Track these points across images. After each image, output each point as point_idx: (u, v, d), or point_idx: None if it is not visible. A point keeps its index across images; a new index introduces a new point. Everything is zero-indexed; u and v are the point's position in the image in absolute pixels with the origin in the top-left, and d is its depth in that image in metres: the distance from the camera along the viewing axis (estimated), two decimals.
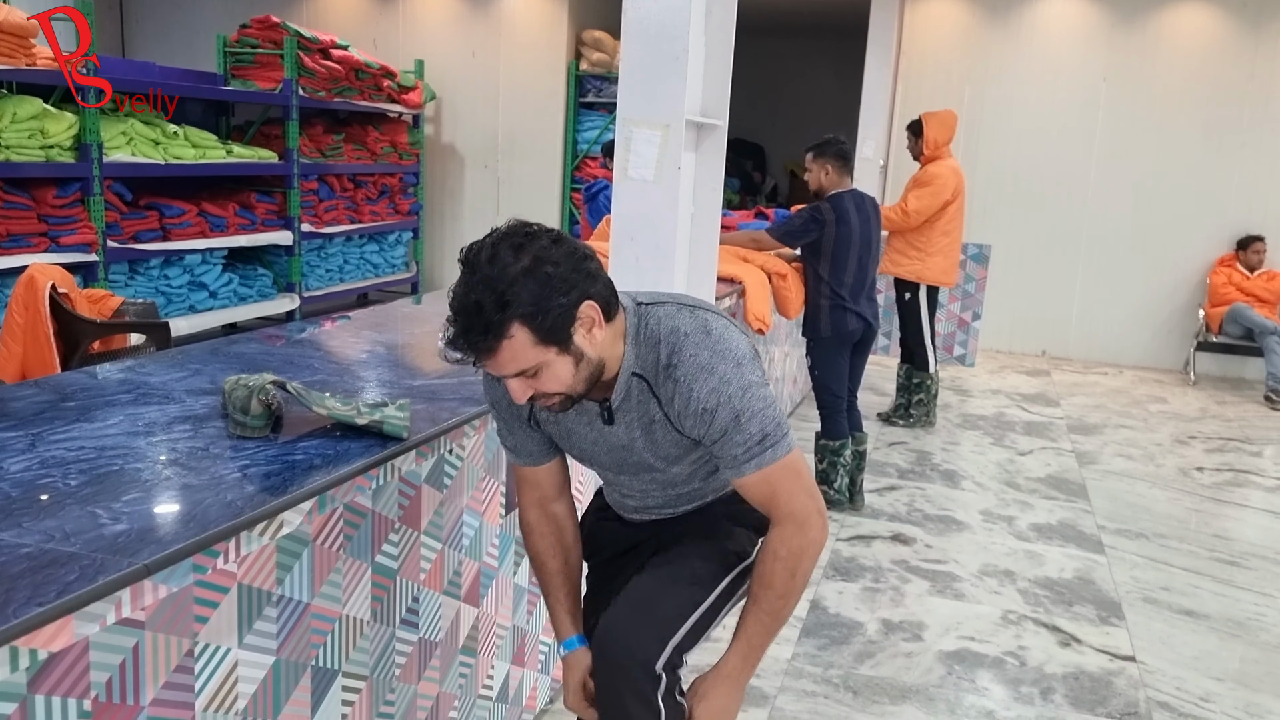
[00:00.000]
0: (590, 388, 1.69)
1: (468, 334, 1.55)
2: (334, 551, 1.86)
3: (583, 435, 1.84)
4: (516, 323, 1.54)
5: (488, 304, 1.53)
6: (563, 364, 1.62)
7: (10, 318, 3.79)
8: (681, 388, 1.68)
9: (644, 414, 1.76)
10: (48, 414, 1.95)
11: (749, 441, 1.70)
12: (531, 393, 1.64)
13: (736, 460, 1.72)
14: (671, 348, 1.70)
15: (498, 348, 1.56)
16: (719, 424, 1.69)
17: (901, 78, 9.11)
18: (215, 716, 1.60)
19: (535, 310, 1.54)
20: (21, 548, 1.36)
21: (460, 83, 9.65)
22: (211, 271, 6.93)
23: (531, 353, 1.58)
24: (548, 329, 1.56)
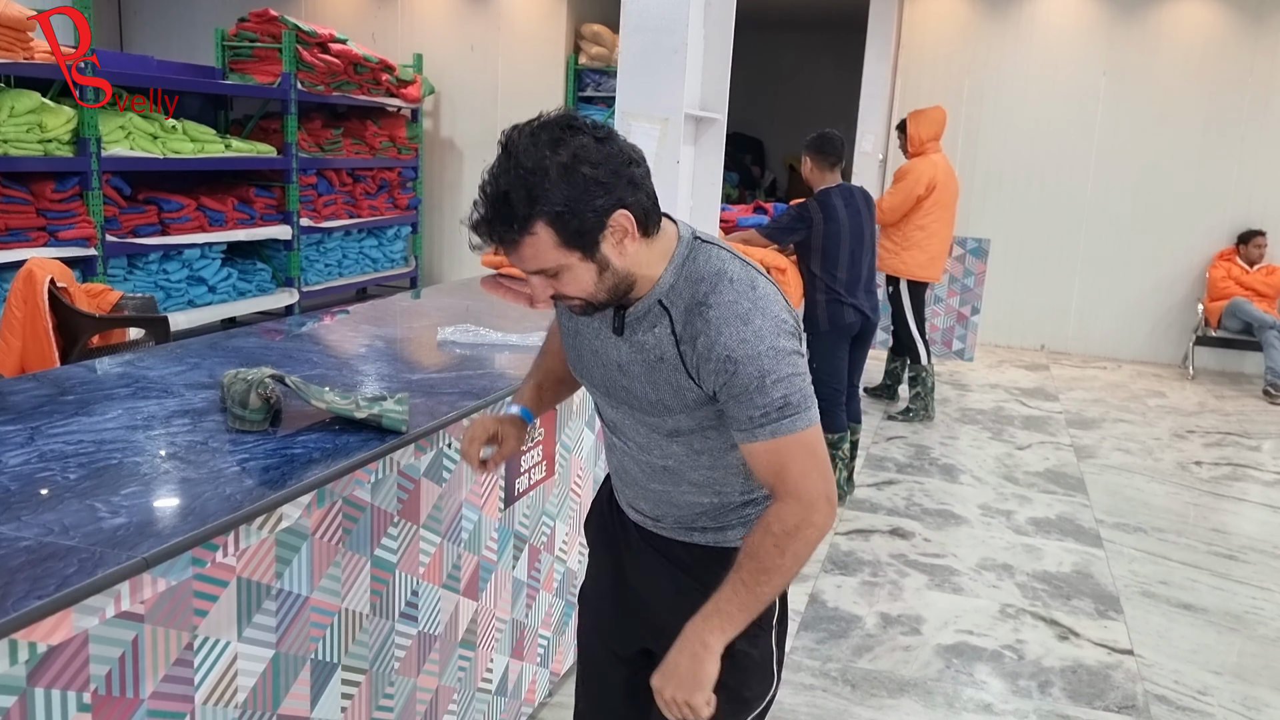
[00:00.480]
0: (615, 299, 1.58)
1: (491, 223, 1.48)
2: (333, 545, 1.86)
3: (588, 340, 1.71)
4: (542, 221, 1.46)
5: (516, 196, 1.45)
6: (585, 270, 1.52)
7: (9, 312, 3.78)
8: (710, 329, 1.54)
9: (655, 346, 1.61)
10: (46, 408, 1.95)
11: (769, 406, 1.53)
12: (552, 293, 1.56)
13: (750, 423, 1.55)
14: (712, 286, 1.57)
15: (520, 242, 1.48)
16: (740, 380, 1.53)
17: (901, 72, 9.11)
18: (215, 710, 1.61)
19: (564, 211, 1.46)
20: (21, 541, 1.36)
21: (459, 77, 9.64)
22: (210, 266, 6.92)
23: (553, 254, 1.49)
24: (573, 232, 1.48)
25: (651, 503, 1.79)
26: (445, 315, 3.23)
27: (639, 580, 1.85)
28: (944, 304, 8.40)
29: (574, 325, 1.73)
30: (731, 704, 1.73)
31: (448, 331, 2.83)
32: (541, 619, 2.92)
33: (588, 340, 1.70)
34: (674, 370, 1.59)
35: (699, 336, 1.55)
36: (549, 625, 2.97)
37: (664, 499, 1.77)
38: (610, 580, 1.91)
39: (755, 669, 1.77)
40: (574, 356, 1.76)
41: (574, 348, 1.75)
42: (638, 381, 1.63)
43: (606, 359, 1.67)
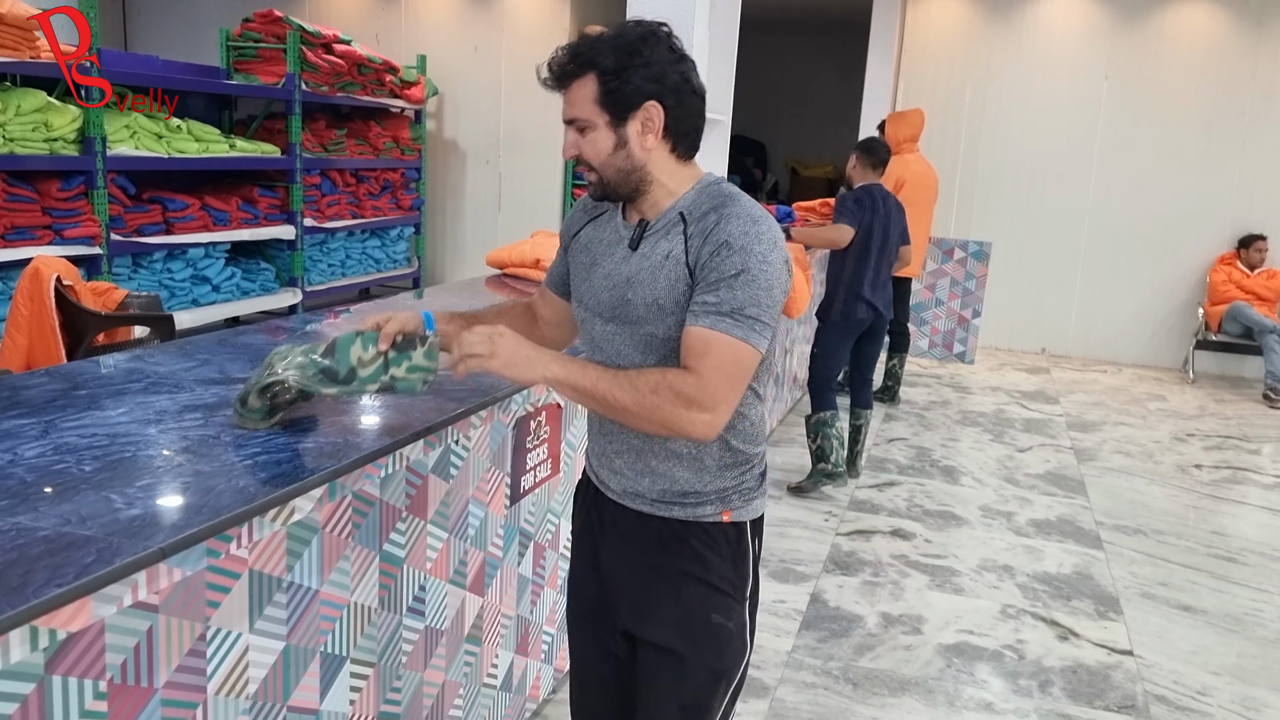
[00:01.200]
0: (623, 188, 1.74)
1: (556, 59, 1.70)
2: (343, 539, 1.88)
3: (603, 264, 1.80)
4: (592, 73, 1.67)
5: (584, 46, 1.69)
6: (605, 138, 1.70)
7: (16, 310, 3.80)
8: (721, 220, 1.67)
9: (665, 249, 1.71)
10: (60, 402, 1.97)
11: (728, 303, 1.62)
12: (577, 153, 1.73)
13: (703, 307, 1.63)
14: (731, 199, 1.72)
15: (570, 84, 1.70)
16: (724, 265, 1.63)
17: (903, 75, 9.13)
18: (226, 700, 1.63)
19: (611, 71, 1.66)
20: (39, 530, 1.38)
21: (462, 78, 9.67)
22: (214, 265, 6.94)
23: (589, 108, 1.69)
24: (608, 94, 1.67)
25: (631, 457, 1.82)
26: None
27: (614, 565, 1.90)
28: (945, 307, 8.43)
29: (590, 257, 1.85)
30: (710, 678, 1.82)
31: None
32: (546, 615, 2.94)
33: (602, 266, 1.81)
34: (676, 263, 1.70)
35: (709, 229, 1.68)
36: (553, 622, 2.99)
37: (647, 451, 1.80)
38: (590, 564, 1.96)
39: (731, 640, 1.83)
40: (584, 287, 1.85)
41: (586, 278, 1.85)
42: (643, 287, 1.72)
43: (617, 277, 1.77)
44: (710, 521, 1.80)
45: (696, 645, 1.80)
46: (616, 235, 1.81)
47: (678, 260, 1.69)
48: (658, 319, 1.71)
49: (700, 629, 1.80)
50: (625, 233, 1.79)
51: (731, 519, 1.82)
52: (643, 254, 1.74)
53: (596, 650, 2.00)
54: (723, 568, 1.81)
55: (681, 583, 1.81)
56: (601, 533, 1.92)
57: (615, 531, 1.88)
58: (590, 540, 1.96)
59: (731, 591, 1.82)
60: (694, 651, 1.80)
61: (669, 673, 1.82)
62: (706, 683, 1.82)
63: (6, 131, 5.33)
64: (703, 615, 1.80)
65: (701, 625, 1.80)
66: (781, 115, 12.71)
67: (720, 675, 1.83)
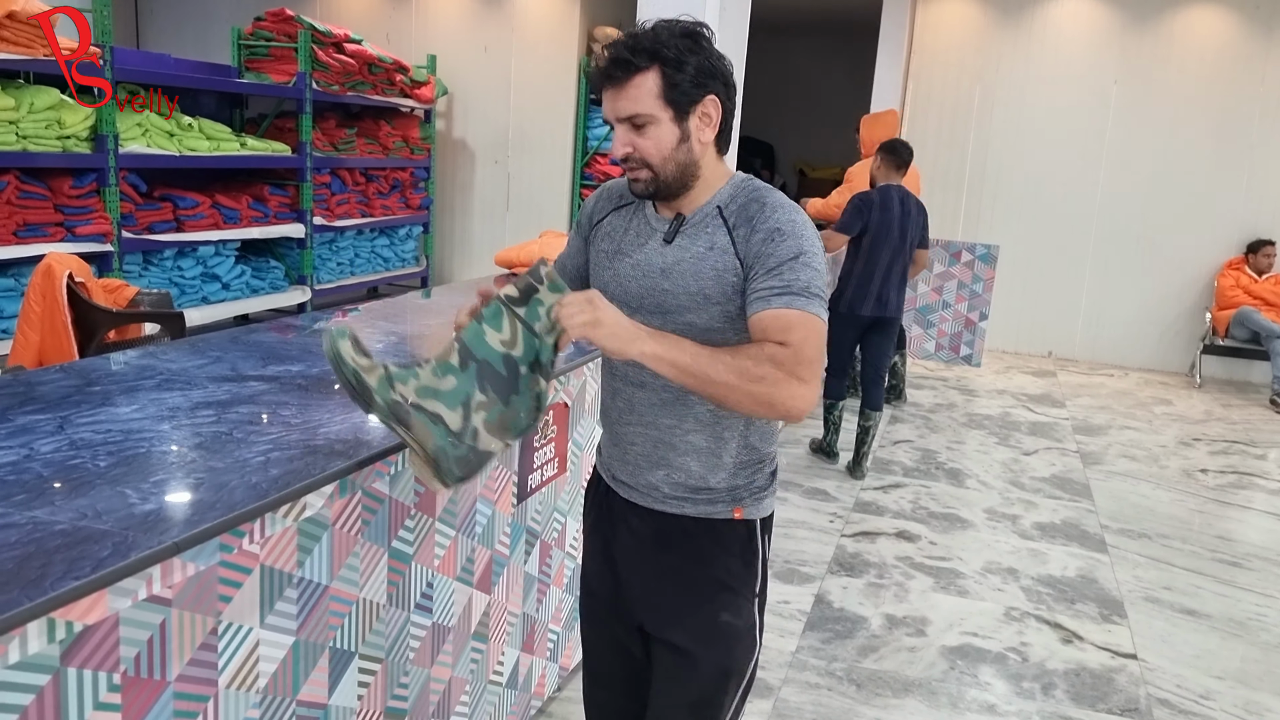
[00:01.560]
0: (676, 184, 1.72)
1: (615, 54, 1.65)
2: (352, 535, 1.90)
3: (630, 255, 1.79)
4: (656, 67, 1.64)
5: (643, 40, 1.65)
6: (669, 133, 1.68)
7: (28, 306, 3.83)
8: (766, 210, 1.71)
9: (707, 242, 1.73)
10: (74, 398, 1.99)
11: (794, 283, 1.64)
12: (630, 150, 1.69)
13: (771, 291, 1.64)
14: (767, 193, 1.75)
15: (629, 80, 1.65)
16: (781, 251, 1.66)
17: (912, 77, 9.14)
18: (237, 694, 1.65)
19: (676, 62, 1.64)
20: (56, 524, 1.40)
21: (472, 78, 9.69)
22: (224, 263, 6.98)
23: (651, 102, 1.66)
24: (675, 87, 1.65)
25: (647, 447, 1.82)
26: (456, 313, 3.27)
27: (626, 562, 1.91)
28: (952, 310, 8.44)
29: (614, 245, 1.83)
30: (719, 676, 1.84)
31: None
32: (552, 614, 2.96)
33: (629, 255, 1.80)
34: (723, 253, 1.71)
35: (754, 218, 1.71)
36: (559, 620, 3.01)
37: (665, 444, 1.80)
38: (602, 560, 1.97)
39: (741, 639, 1.85)
40: (606, 275, 1.83)
41: (608, 266, 1.83)
42: (682, 277, 1.72)
43: (649, 267, 1.76)
44: (721, 519, 1.82)
45: (707, 644, 1.81)
46: (648, 227, 1.80)
47: (724, 251, 1.71)
48: (700, 308, 1.72)
49: (710, 627, 1.82)
50: (659, 225, 1.79)
51: (743, 516, 1.83)
52: (680, 246, 1.75)
53: (610, 645, 2.02)
54: (733, 565, 1.83)
55: (692, 581, 1.83)
56: (612, 530, 1.93)
57: (626, 529, 1.89)
58: (601, 537, 1.97)
59: (741, 589, 1.84)
60: (704, 650, 1.82)
61: (680, 671, 1.84)
62: (716, 681, 1.83)
63: (20, 129, 5.37)
64: (712, 614, 1.82)
65: (711, 624, 1.82)
66: (790, 117, 12.73)
67: (730, 673, 1.84)
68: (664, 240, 1.77)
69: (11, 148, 5.34)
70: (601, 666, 2.07)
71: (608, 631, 2.01)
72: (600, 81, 1.69)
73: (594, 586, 2.03)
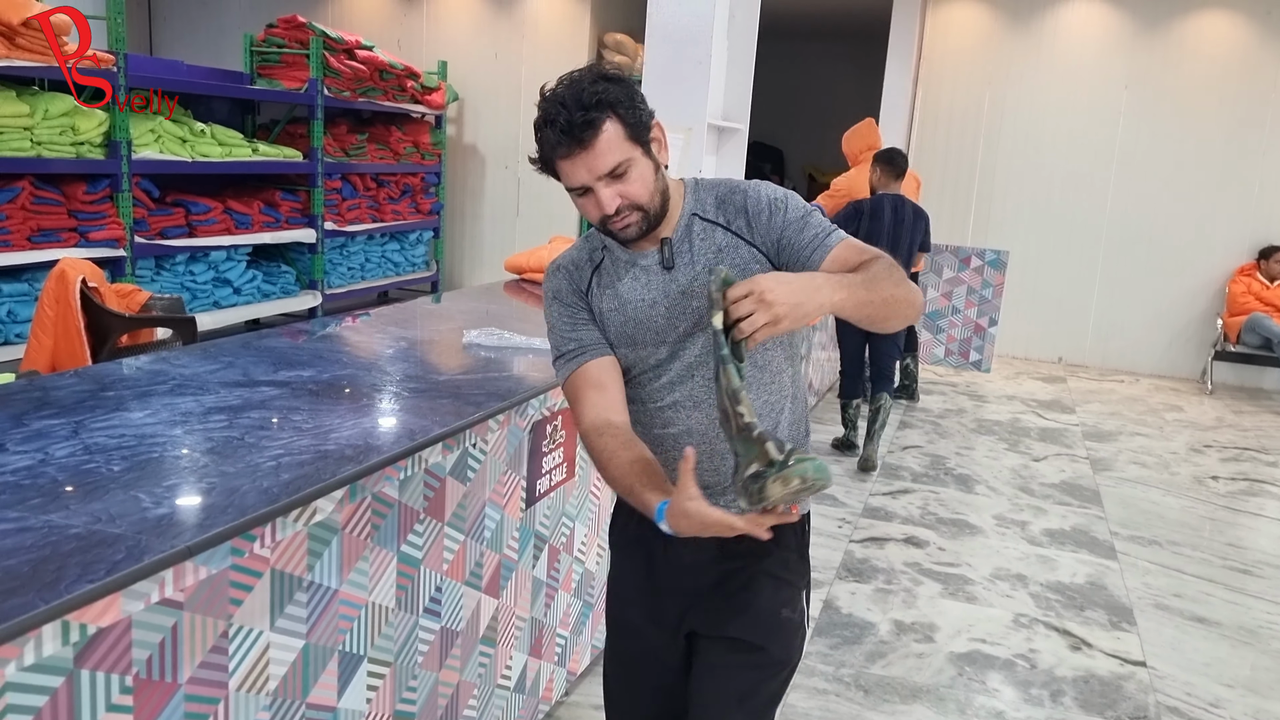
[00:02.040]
0: (659, 213, 1.72)
1: (572, 120, 1.61)
2: (362, 540, 1.92)
3: (638, 299, 1.77)
4: (611, 116, 1.63)
5: (583, 97, 1.62)
6: (646, 167, 1.69)
7: (41, 310, 3.86)
8: (750, 190, 1.76)
9: (708, 247, 1.75)
10: (89, 403, 2.01)
11: (823, 227, 1.74)
12: (620, 201, 1.66)
13: (818, 238, 1.73)
14: (732, 181, 1.81)
15: (593, 140, 1.62)
16: (792, 211, 1.74)
17: (922, 82, 9.14)
18: (247, 697, 1.66)
19: (626, 104, 1.65)
20: (70, 528, 1.42)
21: (483, 84, 9.73)
22: (236, 268, 7.02)
23: (623, 147, 1.65)
24: (634, 124, 1.66)
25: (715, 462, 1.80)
26: (468, 319, 3.29)
27: (676, 574, 1.87)
28: (961, 315, 8.43)
29: (616, 301, 1.79)
30: (778, 670, 1.87)
31: (473, 334, 2.89)
32: (560, 619, 2.97)
33: (638, 297, 1.77)
34: (734, 250, 1.75)
35: (744, 204, 1.76)
36: (567, 625, 3.03)
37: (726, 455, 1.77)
38: (643, 575, 1.92)
39: (796, 632, 1.89)
40: (631, 330, 1.78)
41: (625, 318, 1.78)
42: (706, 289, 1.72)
43: (670, 296, 1.75)
44: None
45: (768, 638, 1.83)
46: (636, 268, 1.78)
47: (734, 248, 1.75)
48: None
49: (773, 622, 1.84)
50: (645, 260, 1.77)
51: (797, 512, 1.79)
52: (684, 264, 1.75)
53: (643, 658, 1.98)
54: (790, 559, 1.88)
55: (752, 578, 1.84)
56: (661, 544, 1.85)
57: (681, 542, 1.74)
58: (644, 550, 1.91)
59: (796, 581, 1.89)
60: (766, 644, 1.84)
61: (735, 665, 1.84)
62: (776, 675, 1.87)
63: (34, 135, 5.41)
64: (773, 610, 1.85)
65: (773, 619, 1.85)
66: (799, 122, 12.73)
67: (786, 665, 1.88)
68: (664, 268, 1.76)
69: (26, 154, 5.38)
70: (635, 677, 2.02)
71: (645, 643, 1.96)
72: (564, 152, 1.64)
73: (631, 601, 1.97)
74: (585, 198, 1.69)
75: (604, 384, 1.78)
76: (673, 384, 1.79)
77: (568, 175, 1.67)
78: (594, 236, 1.86)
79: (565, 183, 1.69)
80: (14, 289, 5.47)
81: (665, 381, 1.79)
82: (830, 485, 1.46)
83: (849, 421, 5.94)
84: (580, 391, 1.79)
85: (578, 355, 1.80)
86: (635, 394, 1.85)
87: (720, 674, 1.86)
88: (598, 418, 1.75)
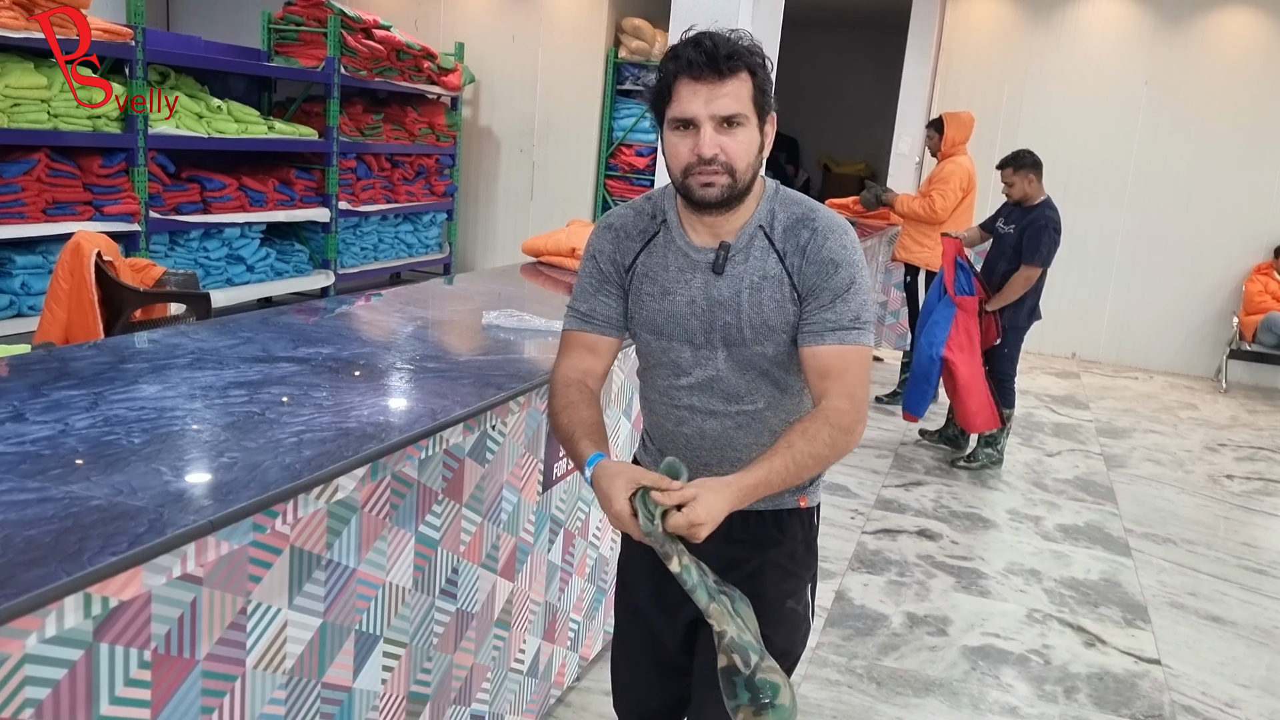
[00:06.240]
0: (743, 189, 1.67)
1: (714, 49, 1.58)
2: (381, 519, 1.90)
3: (679, 292, 1.75)
4: (748, 69, 1.62)
5: (738, 41, 1.61)
6: (753, 137, 1.65)
7: (56, 283, 3.85)
8: (818, 235, 1.70)
9: (759, 269, 1.71)
10: (108, 374, 1.99)
11: (847, 315, 1.69)
12: (718, 153, 1.62)
13: (825, 325, 1.69)
14: (810, 208, 1.75)
15: (728, 79, 1.60)
16: (835, 283, 1.69)
17: (940, 75, 9.08)
18: (264, 675, 1.65)
19: (764, 75, 1.65)
20: (92, 500, 1.40)
21: (499, 67, 9.69)
22: (249, 245, 7.00)
23: (746, 104, 1.63)
24: (763, 94, 1.64)
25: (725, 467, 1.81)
26: (483, 300, 3.26)
27: None
28: None
29: (659, 286, 1.77)
30: (782, 661, 1.82)
31: (492, 316, 2.87)
32: (574, 603, 2.95)
33: (681, 290, 1.76)
34: (778, 284, 1.71)
35: (806, 244, 1.70)
36: (580, 610, 3.01)
37: (741, 460, 1.79)
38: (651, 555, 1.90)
39: (800, 624, 1.89)
40: (662, 321, 1.78)
41: (662, 308, 1.77)
42: (743, 309, 1.72)
43: (706, 302, 1.74)
44: (788, 508, 1.85)
45: (773, 629, 1.81)
46: (687, 260, 1.75)
47: (779, 281, 1.71)
48: (767, 339, 1.73)
49: (777, 614, 1.84)
50: (699, 255, 1.74)
51: (806, 505, 1.87)
52: (732, 275, 1.72)
53: (645, 638, 1.99)
54: (797, 551, 1.87)
55: (758, 569, 1.84)
56: None
57: None
58: None
59: (802, 574, 1.89)
60: (771, 636, 1.80)
61: None
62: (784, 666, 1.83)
63: (51, 107, 5.40)
64: (778, 601, 1.84)
65: (778, 610, 1.84)
66: (815, 111, 12.65)
67: (788, 657, 1.87)
68: (713, 271, 1.73)
69: (43, 126, 5.36)
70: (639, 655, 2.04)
71: (650, 627, 1.97)
72: (696, 73, 1.59)
73: (639, 584, 1.98)
74: (684, 134, 1.64)
75: (597, 351, 1.85)
76: (693, 388, 1.81)
77: (684, 99, 1.62)
78: (656, 202, 1.82)
79: (675, 109, 1.64)
80: (29, 261, 5.46)
81: (686, 384, 1.81)
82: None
83: None
84: (572, 346, 1.86)
85: (587, 319, 1.85)
86: (654, 384, 1.87)
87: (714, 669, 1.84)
88: (575, 371, 1.83)
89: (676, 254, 1.76)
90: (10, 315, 5.37)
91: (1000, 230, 5.51)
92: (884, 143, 6.49)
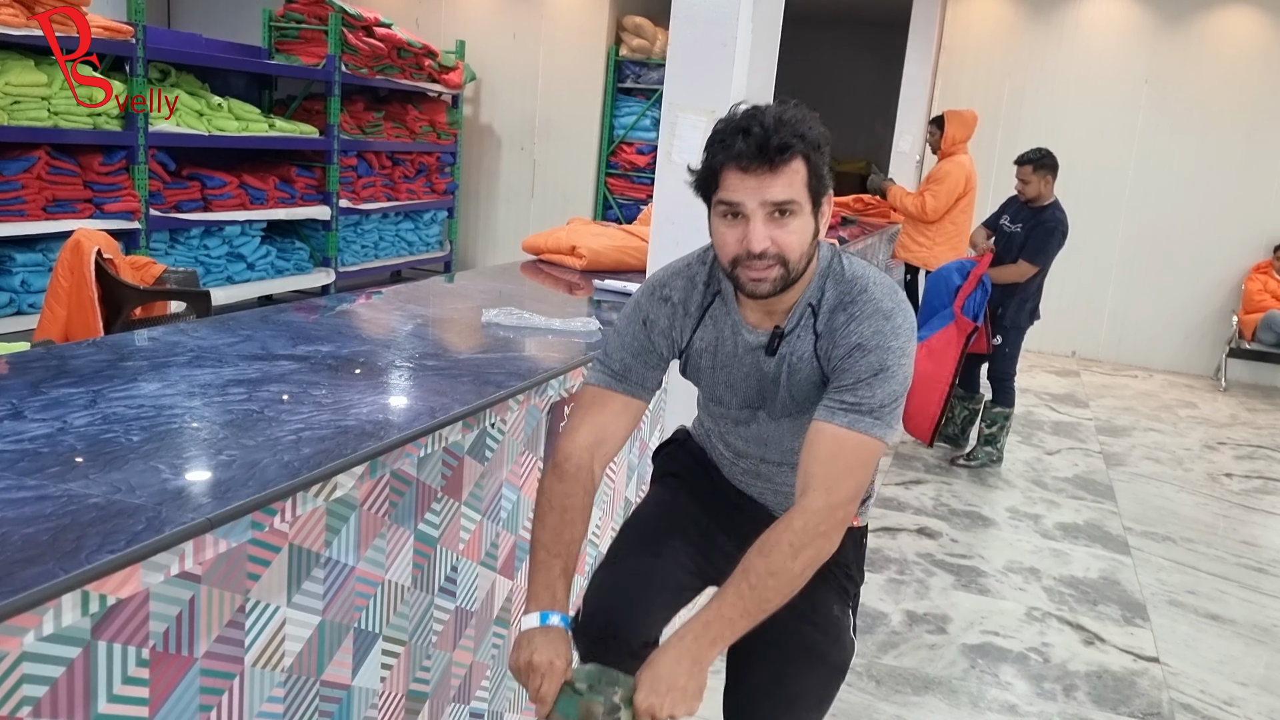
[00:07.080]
0: (794, 278, 1.61)
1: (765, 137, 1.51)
2: (380, 517, 1.90)
3: (735, 368, 1.76)
4: (802, 156, 1.55)
5: (791, 123, 1.53)
6: (806, 225, 1.58)
7: (56, 281, 3.85)
8: (852, 322, 1.63)
9: (798, 349, 1.69)
10: (106, 372, 1.99)
11: (866, 400, 1.58)
12: (769, 246, 1.55)
13: (839, 404, 1.59)
14: (860, 288, 1.65)
15: (781, 168, 1.52)
16: (860, 366, 1.60)
17: (941, 73, 9.07)
18: (262, 673, 1.65)
19: (820, 156, 1.57)
20: (90, 497, 1.40)
21: (500, 64, 9.69)
22: (250, 243, 7.00)
23: (800, 191, 1.55)
24: (818, 178, 1.57)
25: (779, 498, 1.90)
26: (484, 298, 3.26)
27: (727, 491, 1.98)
28: None
29: (713, 361, 1.78)
30: (833, 675, 1.86)
31: (492, 314, 2.87)
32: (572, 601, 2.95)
33: (734, 369, 1.77)
34: (811, 365, 1.69)
35: (838, 330, 1.64)
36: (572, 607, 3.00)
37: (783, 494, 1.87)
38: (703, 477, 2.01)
39: (846, 634, 1.87)
40: (720, 389, 1.81)
41: (713, 379, 1.81)
42: (792, 386, 1.72)
43: (760, 378, 1.75)
44: None
45: (822, 635, 1.82)
46: (743, 343, 1.74)
47: (810, 363, 1.69)
48: (808, 412, 1.72)
49: (826, 619, 1.84)
50: (753, 337, 1.73)
51: (858, 523, 1.90)
52: (782, 356, 1.72)
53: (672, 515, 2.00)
54: (849, 567, 1.89)
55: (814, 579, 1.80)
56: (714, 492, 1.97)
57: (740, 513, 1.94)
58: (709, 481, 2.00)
59: (850, 587, 1.90)
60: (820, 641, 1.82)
61: (797, 666, 1.83)
62: (828, 676, 1.86)
63: (52, 105, 5.40)
64: (826, 608, 1.84)
65: (827, 616, 1.84)
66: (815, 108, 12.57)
67: (840, 671, 1.87)
68: (767, 353, 1.72)
69: (43, 123, 5.37)
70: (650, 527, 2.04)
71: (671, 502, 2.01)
72: (744, 164, 1.52)
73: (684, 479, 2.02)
74: (732, 223, 1.57)
75: (622, 415, 1.79)
76: (745, 438, 1.87)
77: (732, 187, 1.55)
78: (711, 269, 1.76)
79: (723, 195, 1.57)
80: (29, 259, 5.47)
81: (739, 433, 1.87)
82: None
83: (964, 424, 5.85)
84: (594, 404, 1.80)
85: (620, 378, 1.79)
86: (709, 410, 1.94)
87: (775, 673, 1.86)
88: (587, 442, 1.77)
89: (729, 330, 1.75)
90: (10, 313, 5.38)
91: (1006, 228, 5.45)
92: (885, 141, 6.50)
